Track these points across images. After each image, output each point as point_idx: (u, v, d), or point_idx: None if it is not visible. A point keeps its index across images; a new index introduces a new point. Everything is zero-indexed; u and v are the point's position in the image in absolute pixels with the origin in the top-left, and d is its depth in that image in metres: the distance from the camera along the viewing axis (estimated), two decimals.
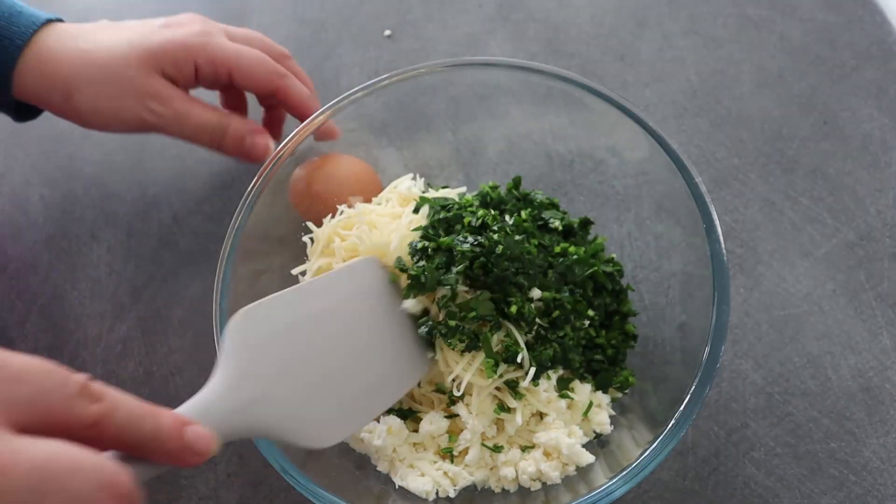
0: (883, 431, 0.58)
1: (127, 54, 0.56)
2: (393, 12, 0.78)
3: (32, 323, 0.65)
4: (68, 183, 0.71)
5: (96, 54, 0.57)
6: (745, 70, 0.73)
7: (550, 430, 0.51)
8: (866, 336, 0.61)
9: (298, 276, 0.57)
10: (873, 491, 0.56)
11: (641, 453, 0.47)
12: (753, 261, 0.64)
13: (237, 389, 0.41)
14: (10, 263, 0.68)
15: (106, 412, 0.31)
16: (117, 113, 0.57)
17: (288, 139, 0.55)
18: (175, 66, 0.57)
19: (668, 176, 0.53)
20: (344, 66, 0.75)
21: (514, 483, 0.52)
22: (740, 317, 0.62)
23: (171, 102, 0.57)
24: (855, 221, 0.65)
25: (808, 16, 0.75)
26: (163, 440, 0.33)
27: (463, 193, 0.58)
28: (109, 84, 0.56)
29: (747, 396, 0.59)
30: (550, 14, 0.77)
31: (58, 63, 0.56)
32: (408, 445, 0.53)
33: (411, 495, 0.51)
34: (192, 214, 0.69)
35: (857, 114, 0.70)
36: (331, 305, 0.49)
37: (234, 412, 0.40)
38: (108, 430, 0.31)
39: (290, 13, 0.78)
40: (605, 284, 0.56)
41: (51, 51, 0.57)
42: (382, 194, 0.59)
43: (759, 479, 0.57)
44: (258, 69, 0.59)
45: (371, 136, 0.61)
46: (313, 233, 0.57)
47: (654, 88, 0.72)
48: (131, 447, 0.33)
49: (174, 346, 0.63)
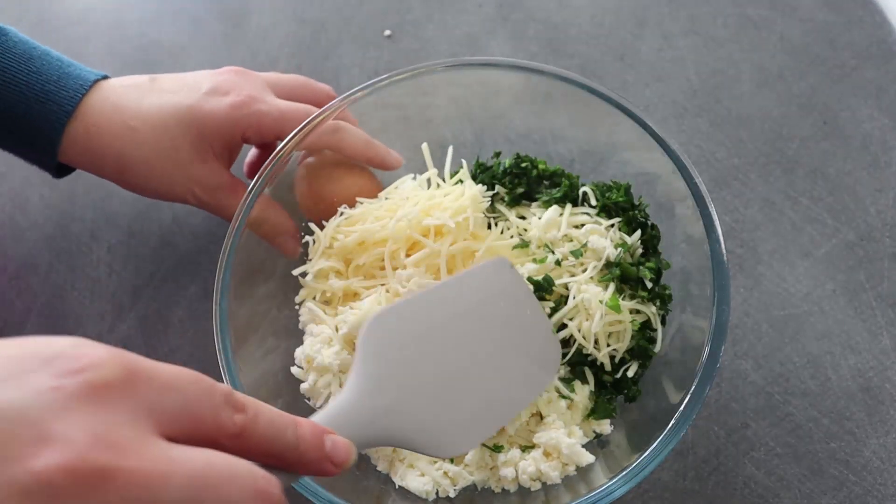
0: (883, 431, 0.58)
1: (175, 134, 0.56)
2: (393, 12, 0.78)
3: (32, 323, 0.65)
4: (68, 183, 0.71)
5: (144, 133, 0.56)
6: (746, 70, 0.73)
7: (550, 430, 0.51)
8: (866, 336, 0.61)
9: (299, 276, 0.57)
10: (873, 491, 0.56)
11: (641, 453, 0.47)
12: (753, 261, 0.64)
13: (370, 398, 0.41)
14: (10, 263, 0.68)
15: (249, 421, 0.31)
16: (166, 195, 0.59)
17: (288, 139, 0.55)
18: (222, 142, 0.57)
19: (668, 176, 0.53)
20: (344, 66, 0.75)
21: (514, 483, 0.52)
22: (740, 317, 0.62)
23: (215, 193, 0.58)
24: (855, 221, 0.65)
25: (808, 16, 0.75)
26: (303, 450, 0.33)
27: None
28: (161, 169, 0.56)
29: (747, 396, 0.59)
30: (550, 14, 0.77)
31: (106, 141, 0.56)
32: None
33: (411, 495, 0.51)
34: (192, 214, 0.69)
35: (857, 114, 0.70)
36: (461, 309, 0.48)
37: (367, 420, 0.40)
38: (252, 440, 0.31)
39: (290, 13, 0.78)
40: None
41: (98, 126, 0.56)
42: (382, 194, 0.59)
43: (760, 479, 0.57)
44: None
45: (371, 136, 0.61)
46: (315, 233, 0.57)
47: (655, 88, 0.72)
48: (272, 457, 0.32)
49: (174, 346, 0.63)
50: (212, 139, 0.57)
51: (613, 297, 0.52)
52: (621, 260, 0.54)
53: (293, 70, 0.74)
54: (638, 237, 0.55)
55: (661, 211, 0.57)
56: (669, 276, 0.56)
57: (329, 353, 0.52)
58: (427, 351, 0.45)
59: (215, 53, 0.76)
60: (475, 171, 0.61)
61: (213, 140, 0.57)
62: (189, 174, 0.57)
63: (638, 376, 0.54)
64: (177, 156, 0.56)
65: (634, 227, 0.56)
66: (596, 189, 0.58)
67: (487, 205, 0.58)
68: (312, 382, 0.53)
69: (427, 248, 0.53)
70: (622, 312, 0.52)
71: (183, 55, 0.76)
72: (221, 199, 0.58)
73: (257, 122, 0.57)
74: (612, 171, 0.59)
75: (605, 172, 0.59)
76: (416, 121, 0.61)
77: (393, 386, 0.42)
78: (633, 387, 0.54)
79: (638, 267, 0.54)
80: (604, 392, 0.54)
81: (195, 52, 0.76)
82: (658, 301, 0.54)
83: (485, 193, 0.58)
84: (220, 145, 0.57)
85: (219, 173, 0.58)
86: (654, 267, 0.54)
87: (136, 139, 0.56)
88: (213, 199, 0.58)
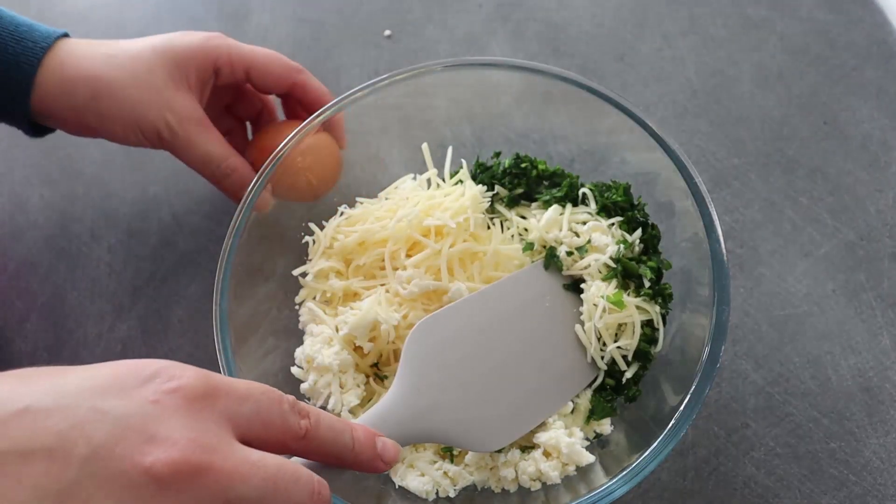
0: (883, 431, 0.58)
1: (151, 60, 0.57)
2: (393, 12, 0.78)
3: (32, 323, 0.65)
4: (68, 183, 0.71)
5: (122, 59, 0.57)
6: (745, 70, 0.73)
7: (550, 430, 0.51)
8: (866, 336, 0.61)
9: (299, 277, 0.57)
10: (873, 491, 0.56)
11: (641, 453, 0.47)
12: (753, 261, 0.64)
13: (413, 398, 0.45)
14: (9, 263, 0.68)
15: (312, 426, 0.36)
16: (138, 122, 0.57)
17: (289, 139, 0.55)
18: (198, 73, 0.58)
19: (669, 176, 0.53)
20: (344, 66, 0.75)
21: (514, 483, 0.52)
22: (740, 317, 0.62)
23: (187, 124, 0.57)
24: (855, 221, 0.65)
25: (808, 16, 0.75)
26: (358, 451, 0.39)
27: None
28: (136, 90, 0.56)
29: (747, 396, 0.59)
30: (550, 14, 0.77)
31: (82, 66, 0.56)
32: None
33: (411, 495, 0.51)
34: (192, 214, 0.69)
35: (858, 114, 0.70)
36: (499, 314, 0.52)
37: (410, 419, 0.45)
38: (314, 442, 0.37)
39: (290, 13, 0.78)
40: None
41: (74, 55, 0.57)
42: (382, 194, 0.59)
43: (760, 479, 0.57)
44: (275, 64, 0.60)
45: (371, 136, 0.61)
46: (315, 234, 0.57)
47: (654, 88, 0.72)
48: (331, 456, 0.38)
49: (174, 346, 0.63)
50: (186, 68, 0.58)
51: (617, 293, 0.52)
52: (622, 256, 0.54)
53: None
54: (639, 235, 0.55)
55: (662, 211, 0.56)
56: (669, 276, 0.56)
57: (329, 353, 0.52)
58: (467, 354, 0.49)
59: None
60: (475, 172, 0.61)
61: (187, 69, 0.58)
62: (164, 98, 0.57)
63: (638, 376, 0.54)
64: (152, 79, 0.57)
65: (634, 226, 0.56)
66: (595, 189, 0.58)
67: (487, 205, 0.58)
68: (312, 382, 0.53)
69: (428, 248, 0.53)
70: (625, 307, 0.52)
71: None
72: (192, 133, 0.58)
73: (227, 52, 0.59)
74: (612, 171, 0.59)
75: (606, 172, 0.59)
76: (416, 121, 0.61)
77: (434, 387, 0.46)
78: (634, 387, 0.54)
79: (639, 264, 0.54)
80: (604, 392, 0.54)
81: None
82: (659, 300, 0.54)
83: (485, 194, 0.58)
84: (194, 76, 0.58)
85: (192, 103, 0.58)
86: (655, 266, 0.55)
87: (112, 63, 0.57)
88: (184, 131, 0.58)
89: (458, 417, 0.47)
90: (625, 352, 0.53)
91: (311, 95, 0.62)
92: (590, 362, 0.54)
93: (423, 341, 0.48)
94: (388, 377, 0.55)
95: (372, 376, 0.54)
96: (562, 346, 0.53)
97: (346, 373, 0.53)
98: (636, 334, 0.53)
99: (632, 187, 0.58)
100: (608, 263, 0.54)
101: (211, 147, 0.58)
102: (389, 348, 0.54)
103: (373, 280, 0.55)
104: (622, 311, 0.52)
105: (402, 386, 0.46)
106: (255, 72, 0.60)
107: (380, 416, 0.44)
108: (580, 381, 0.53)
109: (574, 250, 0.55)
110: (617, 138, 0.57)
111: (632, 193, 0.57)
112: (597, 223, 0.55)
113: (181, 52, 0.58)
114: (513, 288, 0.53)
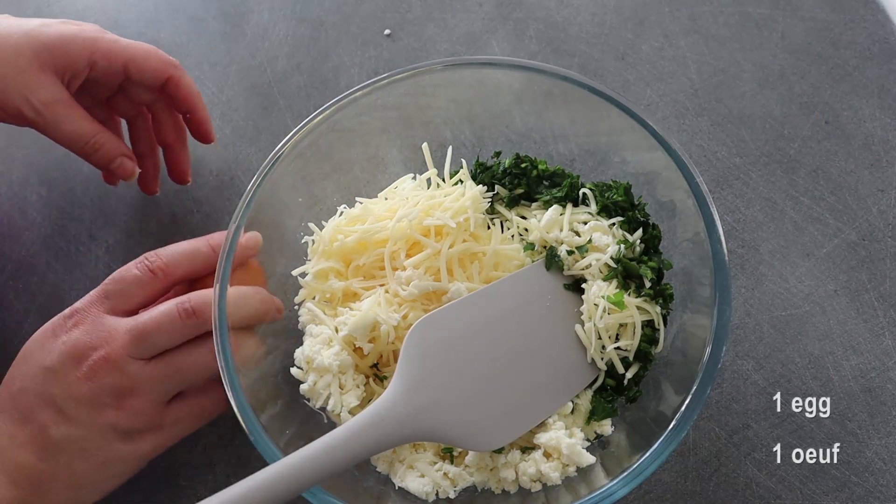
0: (885, 432, 0.57)
1: (20, 44, 0.57)
2: (393, 11, 0.78)
3: (30, 323, 0.65)
4: (67, 182, 0.71)
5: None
6: (747, 69, 0.72)
7: (551, 431, 0.51)
8: (868, 337, 0.61)
9: (298, 277, 0.57)
10: (875, 492, 0.56)
11: (642, 454, 0.47)
12: (755, 261, 0.64)
13: (411, 396, 0.45)
14: (7, 263, 0.68)
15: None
16: (2, 98, 0.58)
17: (289, 137, 0.55)
18: (68, 61, 0.58)
19: (669, 175, 0.52)
20: (344, 66, 0.75)
21: (514, 484, 0.51)
22: (742, 317, 0.62)
23: (52, 106, 0.58)
24: (857, 221, 0.65)
25: (809, 14, 0.74)
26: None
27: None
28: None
29: (749, 397, 0.59)
30: (551, 13, 0.76)
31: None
32: (407, 446, 0.52)
33: (411, 496, 0.51)
34: (192, 214, 0.68)
35: (860, 113, 0.70)
36: (499, 313, 0.51)
37: (408, 416, 0.44)
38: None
39: (290, 12, 0.78)
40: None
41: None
42: (382, 194, 0.59)
43: (761, 480, 0.56)
44: (152, 58, 0.61)
45: (371, 136, 0.61)
46: (314, 234, 0.57)
47: (655, 88, 0.72)
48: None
49: None
50: (56, 54, 0.58)
51: (618, 293, 0.52)
52: (622, 256, 0.54)
53: (292, 69, 0.74)
54: (639, 235, 0.55)
55: (663, 210, 0.56)
56: (670, 276, 0.56)
57: (329, 354, 0.52)
58: (467, 352, 0.49)
59: (214, 52, 0.76)
60: (475, 171, 0.60)
61: (57, 55, 0.58)
62: (26, 80, 0.57)
63: (639, 377, 0.54)
64: (16, 61, 0.57)
65: (635, 226, 0.56)
66: (595, 189, 0.57)
67: (487, 205, 0.58)
68: (312, 383, 0.53)
69: (428, 248, 0.53)
70: (625, 308, 0.52)
71: (182, 54, 0.76)
72: (58, 113, 0.58)
73: (106, 45, 0.59)
74: (612, 170, 0.59)
75: (606, 172, 0.59)
76: (416, 120, 0.61)
77: (433, 385, 0.46)
78: (634, 387, 0.53)
79: (640, 264, 0.54)
80: (604, 393, 0.54)
81: (194, 51, 0.76)
82: (660, 300, 0.54)
83: (485, 194, 0.58)
84: (63, 62, 0.58)
85: (57, 87, 0.58)
86: (656, 266, 0.54)
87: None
88: (49, 112, 0.58)
89: (457, 416, 0.47)
90: (625, 352, 0.53)
91: (182, 92, 0.63)
92: (590, 362, 0.53)
93: (422, 339, 0.48)
94: (387, 378, 0.54)
95: (371, 377, 0.54)
96: (562, 345, 0.53)
97: (346, 373, 0.53)
98: (637, 335, 0.53)
99: (632, 187, 0.57)
100: (609, 263, 0.54)
101: (77, 125, 0.59)
102: (389, 349, 0.53)
103: (372, 280, 0.55)
104: (623, 311, 0.52)
105: (400, 384, 0.46)
106: (133, 65, 0.60)
107: (378, 414, 0.44)
108: (580, 381, 0.53)
109: (575, 249, 0.55)
110: (618, 138, 0.56)
111: (632, 193, 0.57)
112: (597, 223, 0.55)
113: (52, 38, 0.58)
114: (514, 287, 0.53)
